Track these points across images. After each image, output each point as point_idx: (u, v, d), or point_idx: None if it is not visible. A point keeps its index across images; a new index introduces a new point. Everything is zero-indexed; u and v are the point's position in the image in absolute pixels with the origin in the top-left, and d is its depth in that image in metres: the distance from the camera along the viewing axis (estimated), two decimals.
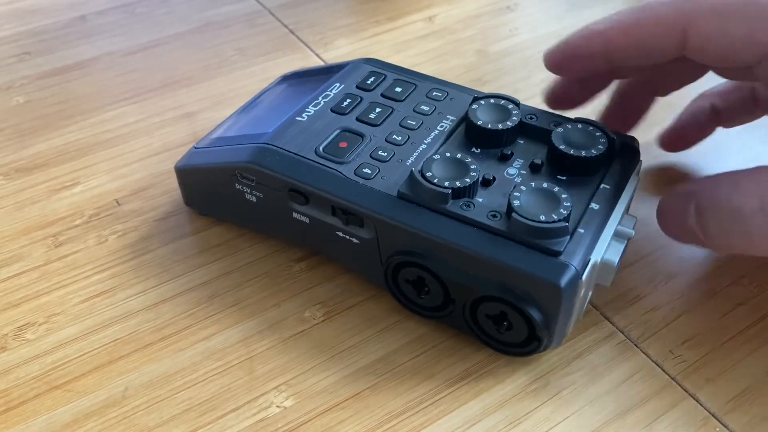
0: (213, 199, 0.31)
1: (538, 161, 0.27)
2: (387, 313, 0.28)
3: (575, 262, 0.24)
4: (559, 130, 0.27)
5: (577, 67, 0.29)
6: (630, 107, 0.32)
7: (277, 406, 0.25)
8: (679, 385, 0.26)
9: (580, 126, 0.27)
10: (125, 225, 0.32)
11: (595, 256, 0.24)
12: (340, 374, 0.26)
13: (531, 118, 0.28)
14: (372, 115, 0.29)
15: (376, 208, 0.26)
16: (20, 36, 0.43)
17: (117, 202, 0.33)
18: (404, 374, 0.26)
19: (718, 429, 0.25)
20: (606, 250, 0.25)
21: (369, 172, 0.27)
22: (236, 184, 0.29)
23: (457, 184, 0.25)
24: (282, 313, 0.28)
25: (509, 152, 0.27)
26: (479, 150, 0.28)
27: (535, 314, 0.24)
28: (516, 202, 0.24)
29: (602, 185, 0.26)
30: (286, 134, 0.28)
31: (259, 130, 0.29)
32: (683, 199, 0.26)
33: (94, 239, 0.31)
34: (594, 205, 0.25)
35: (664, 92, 0.32)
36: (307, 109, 0.30)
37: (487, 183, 0.26)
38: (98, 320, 0.28)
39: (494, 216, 0.25)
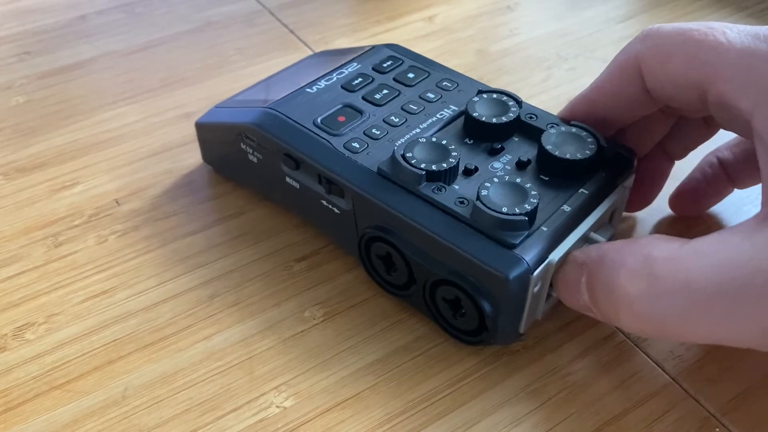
0: (224, 158, 0.32)
1: (525, 159, 0.27)
2: (387, 313, 0.28)
3: (528, 257, 0.24)
4: (552, 131, 0.27)
5: None
6: (648, 176, 0.30)
7: (277, 407, 0.25)
8: (679, 385, 0.26)
9: (573, 130, 0.27)
10: (125, 225, 0.32)
11: (555, 256, 0.24)
12: (340, 374, 0.26)
13: (530, 117, 0.28)
14: (378, 96, 0.30)
15: (355, 181, 0.27)
16: (20, 36, 0.43)
17: (117, 202, 0.33)
18: (404, 374, 0.26)
19: (718, 429, 0.25)
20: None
21: (357, 146, 0.28)
22: (241, 144, 0.30)
23: (433, 167, 0.26)
24: (282, 313, 0.28)
25: (499, 147, 0.28)
26: (471, 141, 0.28)
27: (484, 304, 0.24)
28: (484, 192, 0.25)
29: (581, 190, 0.26)
30: (292, 103, 0.30)
31: (271, 96, 0.31)
32: (576, 271, 0.24)
33: (94, 239, 0.31)
34: (566, 207, 0.26)
35: (680, 154, 0.30)
36: (318, 83, 0.31)
37: (469, 173, 0.27)
38: (98, 320, 0.28)
39: (462, 203, 0.25)
